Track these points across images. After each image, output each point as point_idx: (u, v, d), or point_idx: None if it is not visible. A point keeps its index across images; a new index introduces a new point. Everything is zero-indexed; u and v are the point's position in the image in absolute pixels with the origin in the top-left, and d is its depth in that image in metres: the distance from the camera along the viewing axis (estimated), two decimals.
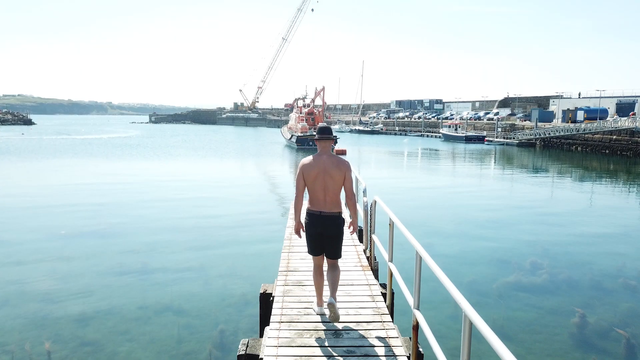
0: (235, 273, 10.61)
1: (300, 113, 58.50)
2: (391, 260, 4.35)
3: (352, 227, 4.81)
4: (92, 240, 13.44)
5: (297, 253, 5.92)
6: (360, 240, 6.57)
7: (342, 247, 4.76)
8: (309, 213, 4.67)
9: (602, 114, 56.90)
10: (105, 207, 17.93)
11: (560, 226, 15.96)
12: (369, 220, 5.57)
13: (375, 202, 5.06)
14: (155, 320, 8.57)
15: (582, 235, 14.80)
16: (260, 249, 12.42)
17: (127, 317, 8.70)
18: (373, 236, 5.17)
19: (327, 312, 4.37)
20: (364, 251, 5.86)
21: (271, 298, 4.60)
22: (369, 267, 5.27)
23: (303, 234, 4.78)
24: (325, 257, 4.69)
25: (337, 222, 4.61)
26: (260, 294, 4.76)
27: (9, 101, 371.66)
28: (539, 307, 9.19)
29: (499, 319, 8.46)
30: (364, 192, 5.80)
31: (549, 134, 53.56)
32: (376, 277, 5.20)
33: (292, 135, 55.24)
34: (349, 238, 6.58)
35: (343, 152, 44.08)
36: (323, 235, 4.60)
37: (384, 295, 4.55)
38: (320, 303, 4.68)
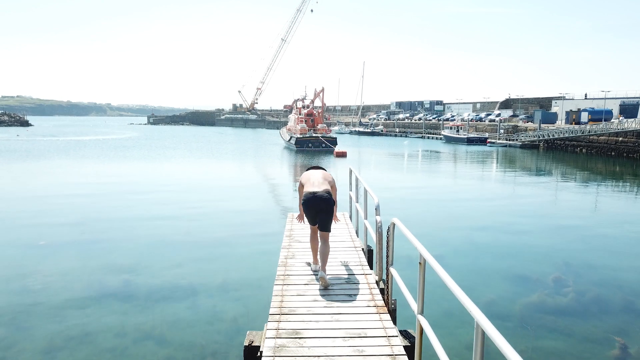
0: (225, 298, 9.47)
1: (300, 114, 57.41)
2: (422, 313, 3.24)
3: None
4: (73, 252, 12.33)
5: (293, 285, 4.77)
6: (370, 266, 5.47)
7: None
8: (306, 194, 5.71)
9: (607, 115, 55.88)
10: (92, 214, 16.80)
11: (578, 235, 14.88)
12: (383, 247, 4.46)
13: (394, 225, 3.94)
14: (132, 351, 7.47)
15: (603, 246, 13.71)
16: (254, 267, 11.30)
17: (102, 347, 7.60)
18: (391, 270, 4.04)
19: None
20: (377, 283, 4.72)
21: (258, 353, 3.52)
22: (385, 308, 4.12)
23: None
24: (318, 230, 5.58)
25: (327, 198, 5.59)
26: (245, 347, 3.67)
27: (7, 102, 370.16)
28: (569, 334, 8.10)
29: (526, 350, 7.37)
30: (377, 209, 4.69)
31: (553, 135, 52.51)
32: (394, 319, 4.08)
33: (291, 137, 54.14)
34: (357, 264, 5.45)
35: (343, 154, 43.02)
36: (317, 211, 5.55)
37: (408, 351, 3.45)
38: (315, 262, 5.61)
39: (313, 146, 49.90)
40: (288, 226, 7.34)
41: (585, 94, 72.95)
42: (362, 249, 6.05)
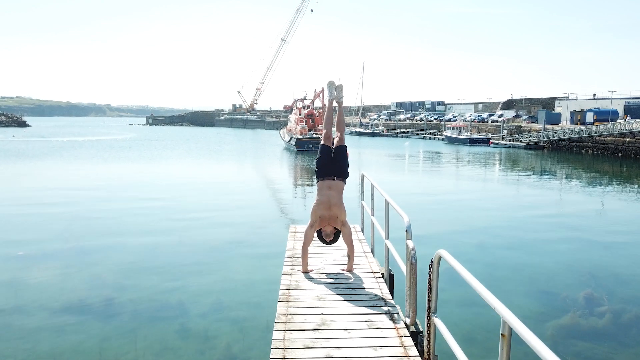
0: (218, 322, 8.39)
1: (300, 115, 56.37)
2: None
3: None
4: (53, 264, 11.26)
5: (298, 332, 3.64)
6: (391, 294, 4.38)
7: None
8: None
9: (613, 115, 54.84)
10: (78, 220, 15.71)
11: (600, 243, 13.81)
12: (420, 286, 3.39)
13: (440, 259, 2.86)
14: None
15: (629, 255, 12.67)
16: (252, 287, 10.23)
17: None
18: (435, 320, 2.94)
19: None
20: (407, 327, 3.61)
21: None
22: None
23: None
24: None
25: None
26: None
27: (7, 103, 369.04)
28: None
29: None
30: (407, 231, 3.63)
31: (558, 136, 51.46)
32: None
33: (291, 138, 53.09)
34: (378, 298, 4.34)
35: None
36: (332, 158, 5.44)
37: None
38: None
39: (314, 147, 48.86)
40: (290, 243, 6.24)
41: (594, 94, 71.79)
42: (382, 275, 4.98)
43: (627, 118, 53.35)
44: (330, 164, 5.37)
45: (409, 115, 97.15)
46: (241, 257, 11.83)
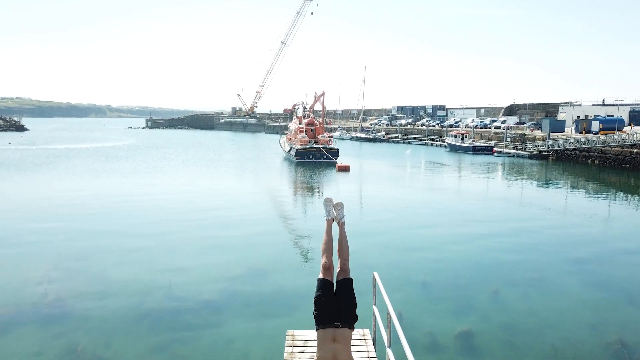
0: None
1: (300, 124, 55.35)
2: None
3: None
4: (28, 330, 10.22)
5: None
6: None
7: None
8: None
9: (619, 124, 53.78)
10: (60, 262, 14.63)
11: (629, 296, 12.77)
12: None
13: None
14: None
15: None
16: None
17: None
18: None
19: None
20: None
21: None
22: None
23: None
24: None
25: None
26: None
27: (7, 104, 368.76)
28: None
29: None
30: None
31: (564, 146, 50.43)
32: None
33: (291, 148, 52.10)
34: None
35: (346, 169, 40.91)
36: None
37: None
38: None
39: (314, 158, 47.93)
40: None
41: (603, 100, 70.52)
42: None
43: (632, 126, 52.31)
44: (332, 306, 4.26)
45: (410, 120, 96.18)
46: (236, 325, 10.76)
